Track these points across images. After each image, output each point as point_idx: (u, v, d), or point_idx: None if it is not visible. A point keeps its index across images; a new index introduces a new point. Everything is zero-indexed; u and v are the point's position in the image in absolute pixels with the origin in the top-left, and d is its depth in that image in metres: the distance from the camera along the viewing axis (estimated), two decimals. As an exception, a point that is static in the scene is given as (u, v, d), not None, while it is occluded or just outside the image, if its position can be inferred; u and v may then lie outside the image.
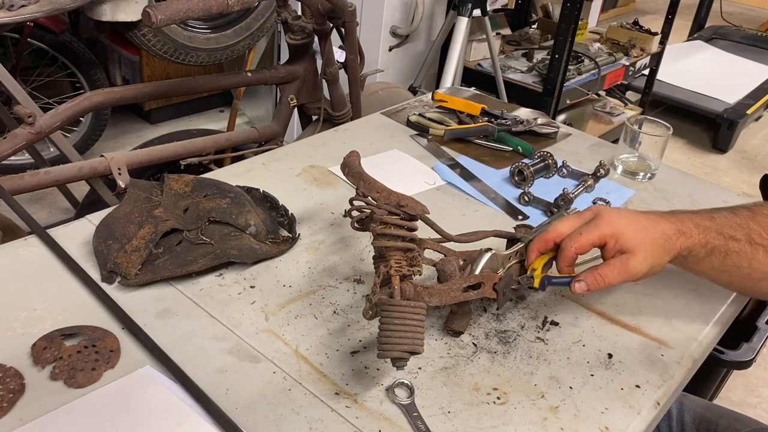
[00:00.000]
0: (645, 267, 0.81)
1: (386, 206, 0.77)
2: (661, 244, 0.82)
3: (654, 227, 0.83)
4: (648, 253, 0.81)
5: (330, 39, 1.67)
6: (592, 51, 3.11)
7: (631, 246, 0.81)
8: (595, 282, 0.81)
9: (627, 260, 0.81)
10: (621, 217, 0.83)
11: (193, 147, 1.60)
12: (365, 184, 0.81)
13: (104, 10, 2.22)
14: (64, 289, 0.86)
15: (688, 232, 0.83)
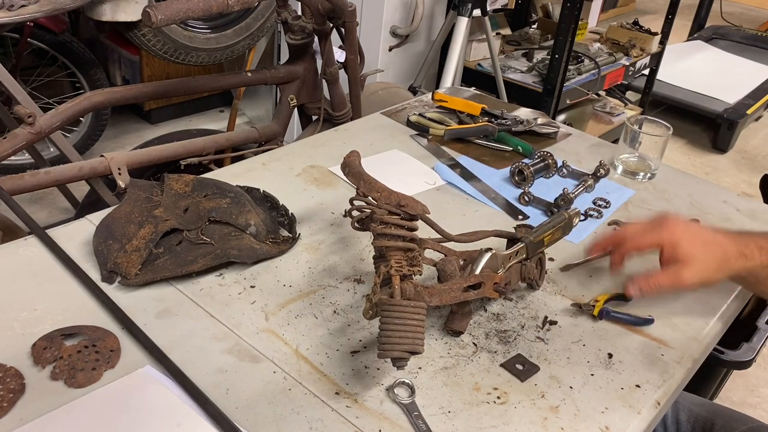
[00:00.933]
0: (697, 279, 0.84)
1: (386, 206, 0.77)
2: (718, 263, 0.84)
3: (715, 245, 0.85)
4: (702, 266, 0.84)
5: (330, 39, 1.67)
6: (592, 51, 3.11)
7: (686, 257, 0.84)
8: (647, 286, 0.85)
9: (680, 270, 0.84)
10: (685, 228, 0.87)
11: (193, 147, 1.60)
12: (365, 184, 0.81)
13: (104, 10, 2.22)
14: (64, 289, 0.86)
15: (750, 254, 0.85)
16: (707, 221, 1.12)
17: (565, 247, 1.03)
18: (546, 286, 0.94)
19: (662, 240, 0.86)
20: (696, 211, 1.15)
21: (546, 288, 0.94)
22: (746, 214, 1.17)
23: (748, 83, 3.97)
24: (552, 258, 1.00)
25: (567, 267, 0.99)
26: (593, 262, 1.00)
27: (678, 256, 0.84)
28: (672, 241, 0.85)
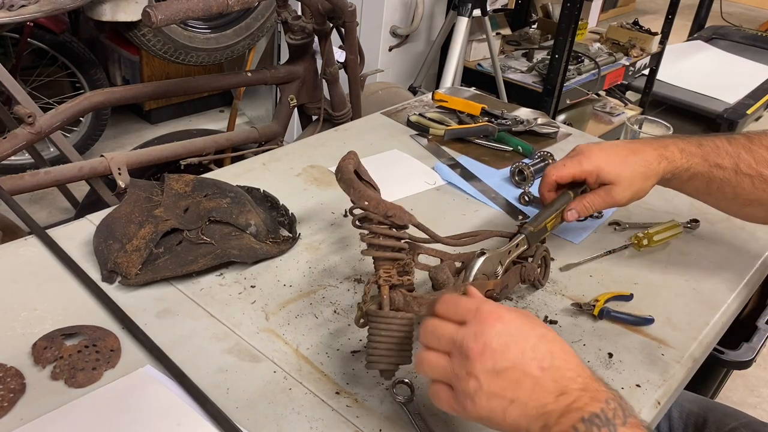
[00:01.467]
0: (627, 194, 0.89)
1: (374, 215, 0.75)
2: (642, 172, 0.88)
3: (635, 157, 0.88)
4: (629, 182, 0.88)
5: (330, 39, 1.67)
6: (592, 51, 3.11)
7: (612, 179, 0.88)
8: (583, 208, 0.91)
9: (610, 189, 0.89)
10: (602, 153, 0.90)
11: (193, 147, 1.60)
12: (355, 192, 0.78)
13: (104, 10, 2.22)
14: (65, 289, 0.86)
15: (671, 156, 0.88)
16: (707, 221, 1.13)
17: (565, 247, 1.03)
18: (546, 286, 0.94)
19: (584, 171, 0.90)
20: (696, 211, 1.15)
21: (546, 288, 0.94)
22: (746, 213, 1.17)
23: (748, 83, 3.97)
24: (552, 258, 1.00)
25: (567, 266, 0.99)
26: (593, 262, 1.00)
27: (604, 181, 0.89)
28: (594, 169, 0.89)
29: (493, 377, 0.59)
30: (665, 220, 1.09)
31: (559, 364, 0.59)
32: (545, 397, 0.58)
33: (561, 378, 0.59)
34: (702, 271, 1.01)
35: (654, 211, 1.16)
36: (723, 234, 1.10)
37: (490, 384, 0.59)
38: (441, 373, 0.62)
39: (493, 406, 0.59)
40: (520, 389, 0.58)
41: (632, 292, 0.93)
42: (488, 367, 0.59)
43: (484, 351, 0.59)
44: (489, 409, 0.59)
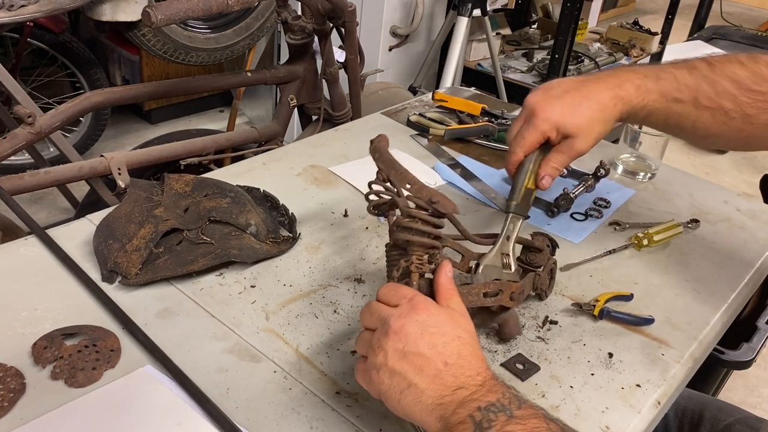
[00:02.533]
0: (590, 142, 0.87)
1: (416, 200, 0.75)
2: (599, 117, 0.86)
3: (589, 102, 0.86)
4: (588, 131, 0.87)
5: (330, 39, 1.67)
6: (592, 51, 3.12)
7: (572, 131, 0.86)
8: (553, 170, 0.88)
9: (572, 143, 0.87)
10: (556, 107, 0.87)
11: (193, 147, 1.60)
12: (397, 173, 0.77)
13: (104, 10, 2.22)
14: (65, 289, 0.86)
15: (627, 96, 0.86)
16: (707, 221, 1.13)
17: (565, 247, 1.03)
18: (546, 286, 0.94)
19: (544, 132, 0.88)
20: (696, 211, 1.16)
21: (546, 288, 0.94)
22: (746, 214, 1.17)
23: (747, 83, 3.97)
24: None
25: (567, 266, 0.99)
26: (593, 262, 1.00)
27: (565, 135, 0.87)
28: (552, 127, 0.87)
29: (399, 357, 0.62)
30: (665, 220, 1.09)
31: (463, 363, 0.62)
32: (443, 389, 0.60)
33: (461, 375, 0.61)
34: (702, 271, 1.01)
35: (654, 211, 1.16)
36: (723, 234, 1.10)
37: (395, 362, 0.62)
38: (364, 346, 0.66)
39: (392, 384, 0.62)
40: (420, 376, 0.61)
41: (632, 292, 0.93)
42: (398, 347, 0.62)
43: (399, 331, 0.62)
44: (388, 386, 0.62)
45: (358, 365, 0.67)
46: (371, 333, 0.66)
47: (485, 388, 0.60)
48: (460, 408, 0.59)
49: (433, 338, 0.62)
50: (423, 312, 0.64)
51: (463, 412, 0.58)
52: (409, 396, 0.61)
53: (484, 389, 0.60)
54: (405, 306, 0.65)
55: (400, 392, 0.61)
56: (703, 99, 0.84)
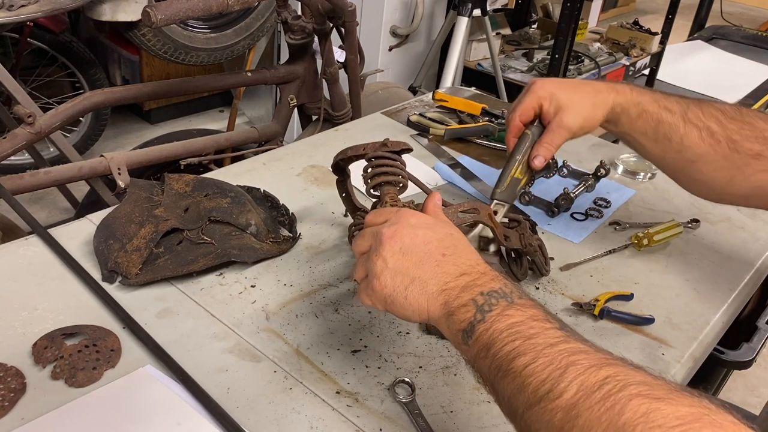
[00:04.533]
0: (579, 120, 0.90)
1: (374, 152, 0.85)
2: (592, 99, 0.90)
3: (585, 86, 0.91)
4: (579, 107, 0.90)
5: (330, 39, 1.67)
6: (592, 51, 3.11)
7: (564, 102, 0.90)
8: (545, 150, 0.92)
9: (561, 119, 0.90)
10: (553, 81, 0.93)
11: (193, 147, 1.60)
12: (354, 148, 0.87)
13: (104, 10, 2.22)
14: (65, 289, 0.86)
15: (622, 90, 0.90)
16: (707, 221, 1.13)
17: (565, 247, 1.03)
18: (546, 286, 0.94)
19: (539, 98, 0.92)
20: (696, 211, 1.15)
21: (546, 287, 0.94)
22: (746, 214, 1.17)
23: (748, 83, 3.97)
24: (552, 257, 1.01)
25: (567, 266, 0.99)
26: (594, 262, 1.00)
27: (557, 105, 0.91)
28: (547, 95, 0.91)
29: (399, 257, 0.64)
30: (665, 220, 1.09)
31: (461, 253, 0.64)
32: (446, 276, 0.62)
33: (462, 263, 0.63)
34: (702, 271, 1.01)
35: (654, 211, 1.16)
36: (723, 234, 1.10)
37: (395, 262, 0.64)
38: (361, 269, 0.67)
39: (396, 284, 0.63)
40: (422, 268, 0.63)
41: (632, 292, 0.93)
42: (395, 248, 0.64)
43: (394, 235, 0.65)
44: (392, 287, 0.63)
45: (360, 288, 0.67)
46: (366, 255, 0.67)
47: (488, 277, 0.62)
48: (463, 292, 0.61)
49: (427, 235, 0.65)
50: (412, 217, 0.67)
51: (466, 295, 0.60)
52: (415, 289, 0.62)
53: (486, 277, 0.62)
54: (393, 216, 0.68)
55: (405, 288, 0.63)
56: (692, 116, 0.87)
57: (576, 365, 0.51)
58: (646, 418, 0.46)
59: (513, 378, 0.54)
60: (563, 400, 0.50)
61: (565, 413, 0.49)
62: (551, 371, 0.52)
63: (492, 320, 0.58)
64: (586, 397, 0.49)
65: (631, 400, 0.47)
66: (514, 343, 0.55)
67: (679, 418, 0.45)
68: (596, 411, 0.48)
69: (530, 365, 0.53)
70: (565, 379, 0.51)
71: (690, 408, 0.46)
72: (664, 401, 0.47)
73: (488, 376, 0.57)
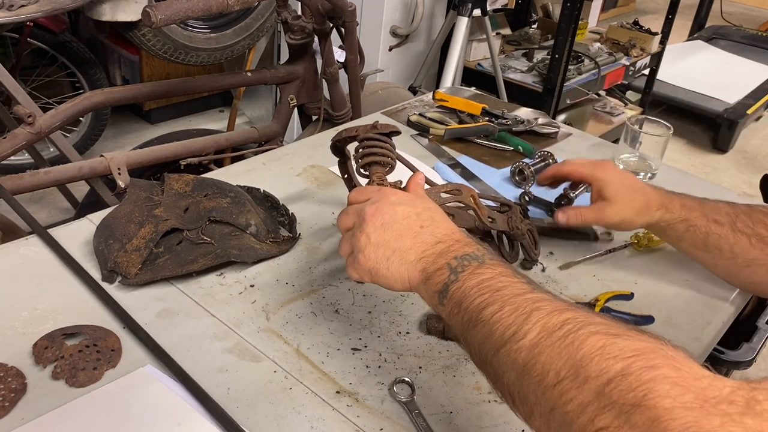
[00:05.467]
0: (618, 218, 0.92)
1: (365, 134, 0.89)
2: (639, 207, 0.92)
3: (640, 193, 0.92)
4: (622, 207, 0.92)
5: (330, 39, 1.67)
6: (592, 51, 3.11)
7: (611, 196, 0.92)
8: (574, 216, 0.95)
9: (604, 207, 0.93)
10: (616, 172, 0.95)
11: (193, 147, 1.60)
12: (347, 130, 0.91)
13: (104, 10, 2.22)
14: (65, 289, 0.86)
15: (672, 207, 0.92)
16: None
17: (564, 246, 1.03)
18: (547, 286, 0.94)
19: (595, 176, 0.94)
20: (696, 211, 1.15)
21: (546, 287, 0.94)
22: (746, 213, 1.17)
23: (748, 83, 3.97)
24: (552, 252, 1.01)
25: (567, 265, 0.99)
26: (593, 262, 1.00)
27: (604, 195, 0.93)
28: (603, 179, 0.93)
29: (381, 231, 0.69)
30: (665, 219, 1.09)
31: (437, 224, 0.70)
32: (423, 245, 0.68)
33: (438, 233, 0.69)
34: (702, 271, 1.00)
35: (654, 211, 1.15)
36: (723, 234, 1.10)
37: (377, 237, 0.69)
38: (347, 244, 0.73)
39: (379, 256, 0.69)
40: (402, 241, 0.68)
41: (632, 292, 0.93)
42: (377, 224, 0.70)
43: (375, 212, 0.70)
44: (375, 260, 0.69)
45: (347, 262, 0.73)
46: (351, 231, 0.73)
47: (462, 243, 0.67)
48: (439, 258, 0.66)
49: (406, 210, 0.70)
50: (392, 195, 0.72)
51: (441, 260, 0.66)
52: (395, 260, 0.68)
53: (460, 244, 0.67)
54: (375, 195, 0.74)
55: (386, 259, 0.68)
56: (741, 225, 0.88)
57: (539, 310, 0.56)
58: (602, 350, 0.50)
59: (482, 326, 0.58)
60: (527, 341, 0.54)
61: (528, 352, 0.54)
62: (516, 316, 0.56)
63: (464, 279, 0.63)
64: (547, 336, 0.53)
65: (589, 336, 0.51)
66: (483, 296, 0.60)
67: (635, 350, 0.49)
68: (557, 347, 0.52)
69: (497, 313, 0.58)
70: (529, 321, 0.55)
71: (646, 343, 0.50)
72: (621, 337, 0.51)
73: (461, 330, 0.62)
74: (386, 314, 0.86)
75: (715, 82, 3.93)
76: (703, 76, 4.01)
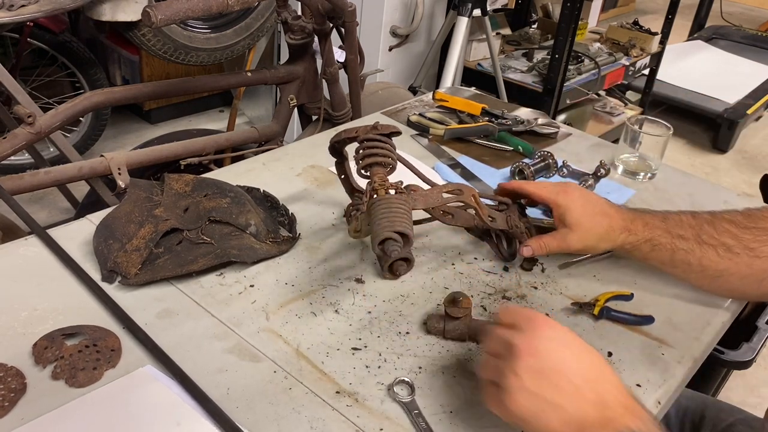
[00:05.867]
0: (580, 245, 0.91)
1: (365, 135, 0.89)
2: (601, 233, 0.90)
3: (603, 217, 0.90)
4: (584, 234, 0.90)
5: (330, 39, 1.67)
6: (592, 51, 3.11)
7: (573, 223, 0.90)
8: (538, 247, 0.92)
9: (566, 234, 0.91)
10: (580, 197, 0.92)
11: (193, 147, 1.60)
12: (347, 131, 0.91)
13: (104, 10, 2.22)
14: (65, 289, 0.86)
15: (635, 230, 0.90)
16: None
17: (565, 247, 1.03)
18: (546, 286, 0.94)
19: (557, 202, 0.92)
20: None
21: (546, 287, 0.94)
22: (746, 213, 1.17)
23: (748, 83, 3.97)
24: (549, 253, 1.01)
25: (565, 264, 0.99)
26: (593, 262, 1.00)
27: (566, 221, 0.91)
28: (564, 205, 0.91)
29: (535, 377, 0.61)
30: (665, 219, 1.09)
31: (601, 377, 0.62)
32: (585, 405, 0.60)
33: (602, 391, 0.61)
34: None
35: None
36: (723, 234, 1.10)
37: (531, 383, 0.61)
38: (491, 372, 0.65)
39: (534, 408, 0.61)
40: (561, 394, 0.61)
41: (632, 292, 0.93)
42: (531, 366, 0.62)
43: (529, 350, 0.62)
44: (529, 410, 0.61)
45: (488, 392, 0.66)
46: (496, 359, 0.65)
47: (628, 412, 0.60)
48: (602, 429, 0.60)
49: (564, 352, 0.63)
50: (548, 328, 0.64)
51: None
52: (552, 416, 0.60)
53: (627, 412, 0.60)
54: (527, 326, 0.65)
55: (541, 412, 0.61)
56: (705, 236, 0.87)
57: None
58: None
59: None
60: None
61: None
62: None
63: None
64: None
65: None
66: None
67: None
68: None
69: None
70: None
71: None
72: None
73: None
74: (386, 314, 0.86)
75: (715, 82, 3.93)
76: (703, 76, 4.01)
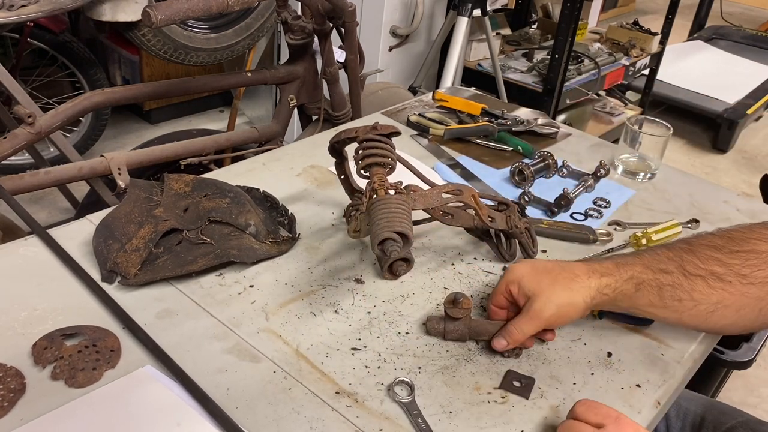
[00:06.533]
0: (552, 307, 0.78)
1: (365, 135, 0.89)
2: (566, 282, 0.79)
3: (560, 270, 0.81)
4: (549, 292, 0.79)
5: (330, 39, 1.67)
6: (592, 51, 3.11)
7: (532, 288, 0.80)
8: (510, 334, 0.80)
9: (531, 305, 0.79)
10: (527, 265, 0.83)
11: (193, 147, 1.60)
12: (347, 131, 0.92)
13: (104, 10, 2.22)
14: (65, 289, 0.86)
15: (605, 270, 0.80)
16: (707, 221, 1.12)
17: (563, 246, 1.03)
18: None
19: (508, 282, 0.83)
20: (696, 211, 1.15)
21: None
22: (746, 214, 1.17)
23: (748, 83, 3.97)
24: (544, 250, 1.01)
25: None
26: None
27: (526, 292, 0.81)
28: (516, 279, 0.82)
29: None
30: (665, 220, 1.09)
31: None
32: None
33: None
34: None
35: (654, 211, 1.16)
36: (723, 234, 1.10)
37: None
38: None
39: None
40: None
41: None
42: None
43: None
44: None
45: None
46: None
47: None
48: None
49: None
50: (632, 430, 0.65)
51: None
52: None
53: None
54: (613, 426, 0.65)
55: None
56: (690, 267, 0.79)
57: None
58: None
59: None
60: None
61: None
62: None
63: None
64: None
65: None
66: None
67: None
68: None
69: None
70: None
71: None
72: None
73: None
74: (386, 314, 0.86)
75: (715, 82, 3.93)
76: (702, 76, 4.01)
